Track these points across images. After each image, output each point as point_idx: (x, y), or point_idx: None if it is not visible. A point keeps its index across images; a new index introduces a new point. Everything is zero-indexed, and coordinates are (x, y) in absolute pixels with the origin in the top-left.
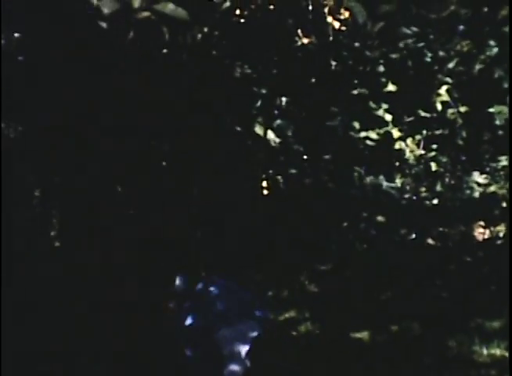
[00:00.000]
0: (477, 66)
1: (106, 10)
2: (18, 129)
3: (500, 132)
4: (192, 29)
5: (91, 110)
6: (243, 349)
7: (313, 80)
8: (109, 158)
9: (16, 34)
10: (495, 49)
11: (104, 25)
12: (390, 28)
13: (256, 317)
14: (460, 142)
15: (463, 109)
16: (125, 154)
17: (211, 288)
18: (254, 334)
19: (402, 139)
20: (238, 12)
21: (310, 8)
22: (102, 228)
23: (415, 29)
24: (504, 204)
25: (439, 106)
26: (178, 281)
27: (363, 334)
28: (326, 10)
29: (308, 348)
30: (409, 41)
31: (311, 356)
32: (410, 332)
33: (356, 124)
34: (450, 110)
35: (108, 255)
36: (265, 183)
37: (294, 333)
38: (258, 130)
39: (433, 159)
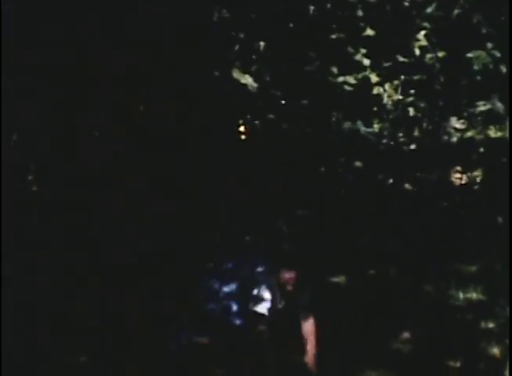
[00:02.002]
0: (456, 11)
1: None
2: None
3: (478, 78)
4: None
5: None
6: None
7: (291, 24)
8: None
9: None
10: None
11: None
12: None
13: None
14: (438, 88)
15: (441, 54)
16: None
17: None
18: None
19: (380, 84)
20: None
21: None
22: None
23: None
24: (482, 150)
25: (417, 51)
26: None
27: (340, 279)
28: None
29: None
30: None
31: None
32: (387, 277)
33: (334, 69)
34: (428, 55)
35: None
36: (242, 128)
37: None
38: (236, 75)
39: (411, 104)
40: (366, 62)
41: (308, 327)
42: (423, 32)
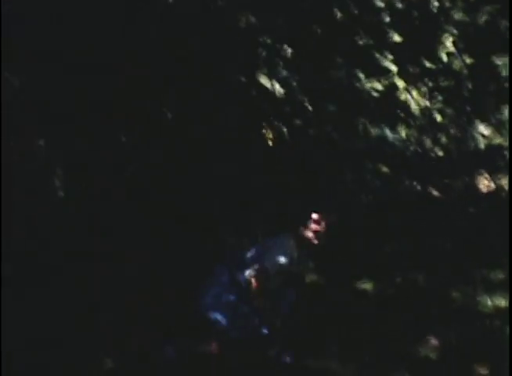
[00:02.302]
0: (483, 17)
1: None
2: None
3: (505, 84)
4: None
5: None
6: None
7: (318, 30)
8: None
9: None
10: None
11: None
12: None
13: None
14: (466, 94)
15: (468, 60)
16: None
17: None
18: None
19: (407, 90)
20: None
21: None
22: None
23: None
24: (509, 156)
25: (445, 57)
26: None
27: (368, 286)
28: None
29: (313, 299)
30: None
31: (315, 307)
32: (415, 284)
33: (361, 75)
34: (456, 61)
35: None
36: (269, 134)
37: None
38: (263, 80)
39: (438, 110)
40: (393, 68)
41: None
42: (450, 38)
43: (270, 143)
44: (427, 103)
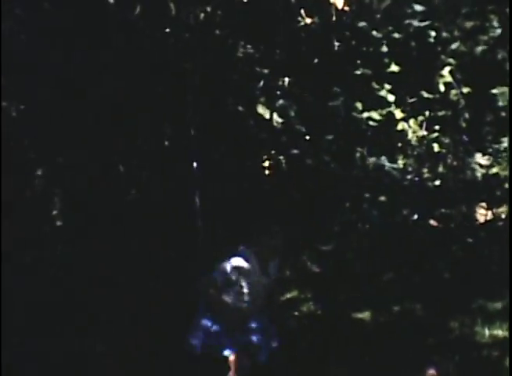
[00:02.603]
0: (480, 48)
1: None
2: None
3: (503, 114)
4: (196, 7)
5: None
6: None
7: (316, 60)
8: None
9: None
10: (499, 30)
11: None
12: (395, 6)
13: None
14: (463, 124)
15: (465, 90)
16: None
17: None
18: None
19: (405, 119)
20: None
21: None
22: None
23: (420, 8)
24: (506, 186)
25: (442, 87)
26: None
27: (365, 315)
28: None
29: (311, 328)
30: (414, 20)
31: (313, 335)
32: (412, 313)
33: (359, 105)
34: (453, 91)
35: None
36: (267, 163)
37: (296, 313)
38: (261, 110)
39: (435, 140)
40: (391, 98)
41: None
42: (447, 68)
43: (267, 172)
44: (425, 133)
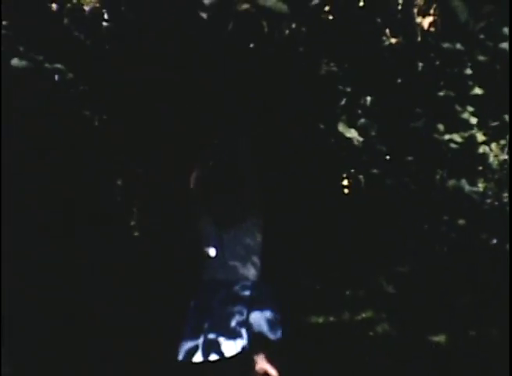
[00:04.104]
0: None
1: (206, 0)
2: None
3: None
4: (283, 24)
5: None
6: None
7: (399, 80)
8: None
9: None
10: None
11: (204, 15)
12: (491, 28)
13: None
14: None
15: None
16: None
17: None
18: None
19: (487, 143)
20: (327, 8)
21: (399, 7)
22: None
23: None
24: None
25: None
26: None
27: (440, 338)
28: (415, 10)
29: (385, 349)
30: (502, 43)
31: (387, 356)
32: (489, 338)
33: (441, 126)
34: None
35: None
36: (346, 182)
37: (371, 333)
38: (342, 128)
39: None
40: (473, 120)
41: None
42: None
43: (346, 191)
44: (506, 157)
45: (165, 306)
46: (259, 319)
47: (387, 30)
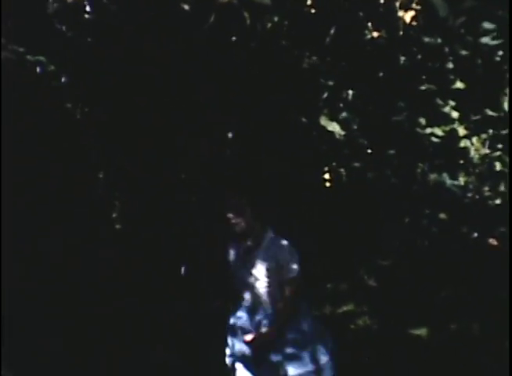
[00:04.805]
0: None
1: None
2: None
3: None
4: (265, 17)
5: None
6: None
7: (381, 74)
8: None
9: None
10: None
11: (186, 7)
12: (469, 23)
13: None
14: None
15: None
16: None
17: None
18: None
19: (468, 137)
20: (309, 1)
21: (381, 1)
22: None
23: (489, 26)
24: None
25: (506, 106)
26: None
27: (421, 331)
28: (397, 4)
29: (366, 342)
30: (482, 38)
31: (368, 349)
32: (469, 332)
33: (422, 120)
34: None
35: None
36: (327, 175)
37: (352, 326)
38: (324, 122)
39: (498, 159)
40: (455, 114)
41: None
42: None
43: (327, 184)
44: (487, 151)
45: (151, 298)
46: None
47: (370, 24)
